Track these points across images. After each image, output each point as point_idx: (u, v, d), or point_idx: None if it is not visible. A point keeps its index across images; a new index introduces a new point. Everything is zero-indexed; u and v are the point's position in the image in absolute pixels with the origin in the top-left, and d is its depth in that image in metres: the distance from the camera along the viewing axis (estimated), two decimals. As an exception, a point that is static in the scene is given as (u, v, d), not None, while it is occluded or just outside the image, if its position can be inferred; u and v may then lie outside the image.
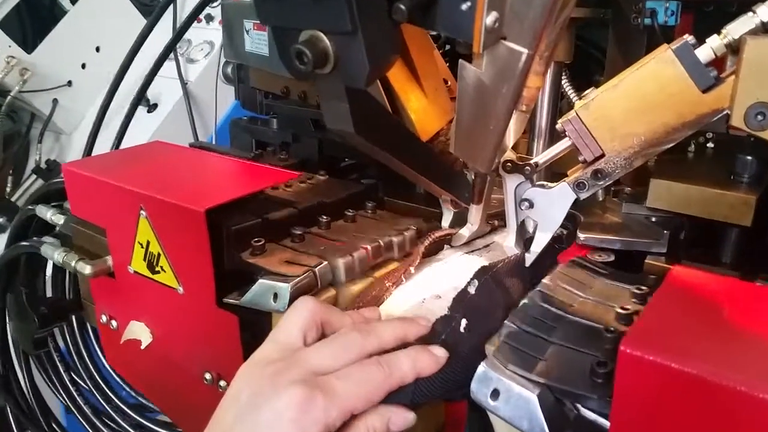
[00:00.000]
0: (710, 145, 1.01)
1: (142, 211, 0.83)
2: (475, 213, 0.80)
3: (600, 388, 0.52)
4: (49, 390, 1.35)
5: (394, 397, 0.58)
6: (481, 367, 0.57)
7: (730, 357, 0.46)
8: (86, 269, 0.94)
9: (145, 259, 0.86)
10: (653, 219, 0.88)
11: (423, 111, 0.74)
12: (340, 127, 0.57)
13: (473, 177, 0.75)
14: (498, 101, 0.56)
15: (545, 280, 0.70)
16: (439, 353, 0.60)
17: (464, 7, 0.48)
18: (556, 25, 0.61)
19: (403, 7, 0.48)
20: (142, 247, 0.85)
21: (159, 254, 0.83)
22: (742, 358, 0.46)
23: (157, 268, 0.84)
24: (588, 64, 1.31)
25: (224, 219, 0.76)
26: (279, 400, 0.54)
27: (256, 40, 1.07)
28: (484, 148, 0.61)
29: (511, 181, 0.76)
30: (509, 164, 0.75)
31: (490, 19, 0.49)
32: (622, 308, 0.61)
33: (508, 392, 0.55)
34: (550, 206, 0.77)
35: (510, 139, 0.73)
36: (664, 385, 0.46)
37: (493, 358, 0.57)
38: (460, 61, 0.55)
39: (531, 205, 0.77)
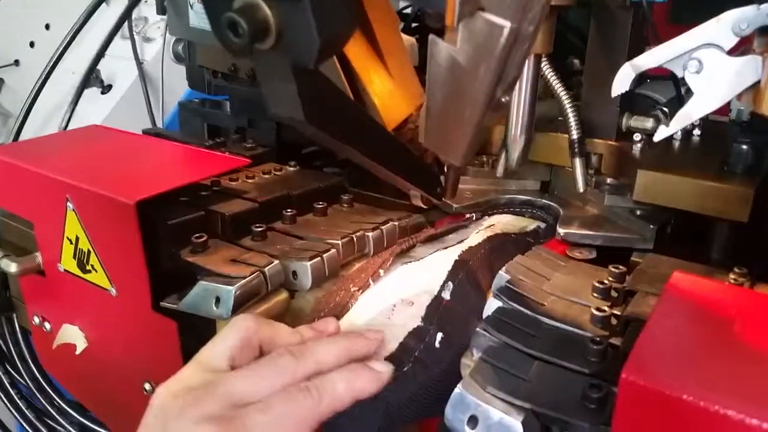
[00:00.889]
0: (697, 132, 0.94)
1: (69, 203, 0.73)
2: None
3: (593, 415, 0.45)
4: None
5: (357, 429, 0.51)
6: (457, 390, 0.49)
7: (743, 385, 0.39)
8: (12, 267, 0.84)
9: (75, 257, 0.76)
10: (638, 212, 0.82)
11: (389, 95, 0.65)
12: (287, 114, 0.46)
13: (445, 170, 0.65)
14: (475, 84, 0.47)
15: (503, 272, 0.63)
16: (381, 369, 0.52)
17: None
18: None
19: None
20: (71, 243, 0.76)
21: (89, 251, 0.73)
22: (756, 385, 0.39)
23: (88, 267, 0.75)
24: (563, 47, 1.24)
25: (159, 212, 0.67)
26: None
27: (201, 14, 0.98)
28: (458, 140, 0.51)
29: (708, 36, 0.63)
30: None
31: None
32: (598, 309, 0.55)
33: (487, 419, 0.47)
34: (724, 77, 0.63)
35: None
36: (671, 417, 0.39)
37: (470, 379, 0.49)
38: (431, 36, 0.46)
39: (699, 69, 0.64)
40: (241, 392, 0.49)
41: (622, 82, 0.70)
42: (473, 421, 0.48)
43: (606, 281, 0.60)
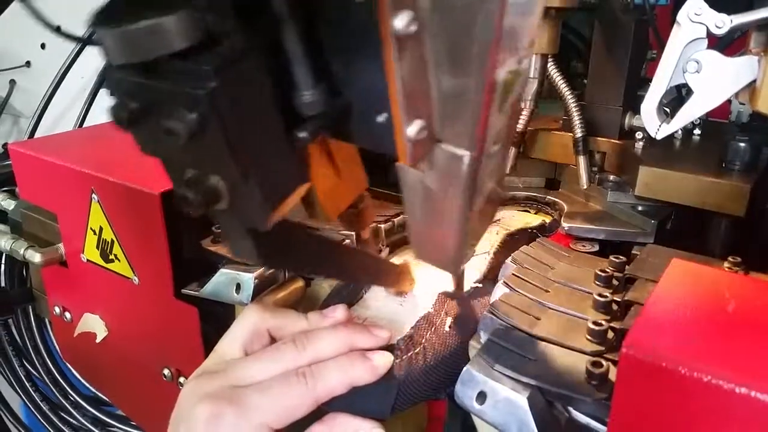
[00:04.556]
0: (697, 131, 0.97)
1: (93, 195, 0.76)
2: None
3: (595, 390, 0.48)
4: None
5: (370, 406, 0.53)
6: (466, 368, 0.52)
7: (738, 358, 0.42)
8: (36, 258, 0.88)
9: (98, 247, 0.79)
10: (639, 208, 0.84)
11: (333, 190, 0.59)
12: (247, 259, 0.49)
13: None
14: (448, 205, 0.45)
15: (510, 261, 0.66)
16: (379, 360, 0.55)
17: (380, 119, 0.40)
18: (507, 107, 0.44)
19: (304, 134, 0.39)
20: (95, 233, 0.79)
21: (112, 241, 0.76)
22: (750, 358, 0.42)
23: (111, 257, 0.78)
24: (565, 50, 1.27)
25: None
26: (192, 418, 0.50)
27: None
28: (446, 252, 0.51)
29: (684, 35, 0.65)
30: (696, 13, 0.64)
31: (412, 129, 0.39)
32: (600, 295, 0.57)
33: (495, 395, 0.50)
34: (722, 77, 0.66)
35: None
36: (670, 389, 0.41)
37: (478, 358, 0.52)
38: (397, 164, 0.45)
39: (698, 69, 0.66)
40: (243, 375, 0.53)
41: (652, 120, 0.73)
42: (482, 397, 0.50)
43: (607, 270, 0.63)
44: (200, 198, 0.38)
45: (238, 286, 0.64)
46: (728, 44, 0.78)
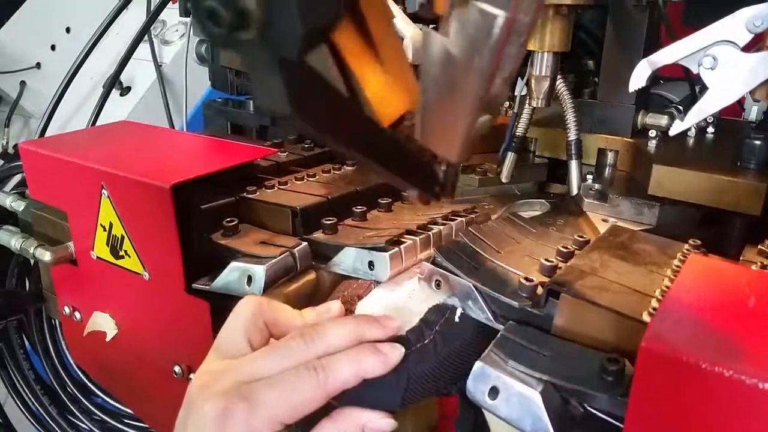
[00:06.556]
0: (710, 130, 0.96)
1: (103, 191, 0.76)
2: None
3: (611, 387, 0.47)
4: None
5: (381, 397, 0.53)
6: (478, 363, 0.51)
7: (758, 353, 0.41)
8: (46, 256, 0.87)
9: (108, 243, 0.79)
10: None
11: (383, 90, 0.59)
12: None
13: (444, 167, 0.60)
14: (469, 77, 0.45)
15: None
16: (390, 352, 0.54)
17: None
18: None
19: None
20: (105, 230, 0.78)
21: (122, 237, 0.76)
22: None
23: (121, 253, 0.78)
24: (577, 48, 1.26)
25: (193, 196, 0.70)
26: (201, 416, 0.49)
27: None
28: (453, 135, 0.50)
29: (727, 33, 0.65)
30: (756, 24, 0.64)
31: None
32: (527, 279, 0.57)
33: (508, 390, 0.49)
34: (738, 73, 0.66)
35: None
36: (690, 384, 0.41)
37: (491, 353, 0.52)
38: (424, 28, 0.46)
39: (713, 66, 0.67)
40: (253, 371, 0.52)
41: (638, 77, 0.73)
42: (494, 392, 0.50)
43: (568, 247, 0.62)
44: (229, 14, 0.37)
45: (250, 279, 0.64)
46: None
